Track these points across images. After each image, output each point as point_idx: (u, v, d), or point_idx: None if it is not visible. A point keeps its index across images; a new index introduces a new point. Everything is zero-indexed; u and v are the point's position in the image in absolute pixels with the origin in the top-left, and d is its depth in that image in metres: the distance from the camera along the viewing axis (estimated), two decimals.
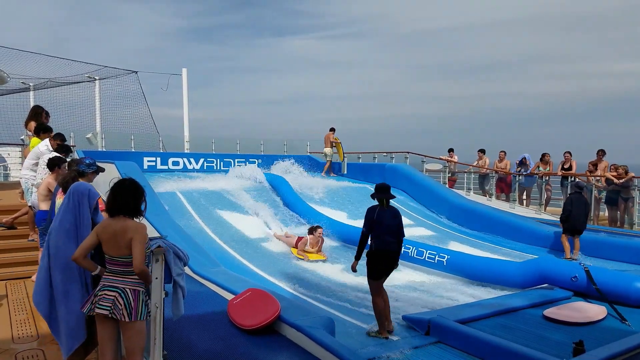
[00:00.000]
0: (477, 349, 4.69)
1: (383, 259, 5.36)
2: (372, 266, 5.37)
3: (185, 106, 19.60)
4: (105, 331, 3.27)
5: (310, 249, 9.16)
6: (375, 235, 5.38)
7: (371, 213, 5.41)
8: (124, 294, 3.19)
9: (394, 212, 5.51)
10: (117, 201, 3.28)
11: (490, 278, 7.61)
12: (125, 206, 3.27)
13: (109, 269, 3.27)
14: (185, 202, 11.10)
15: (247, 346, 4.35)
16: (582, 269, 6.71)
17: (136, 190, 3.34)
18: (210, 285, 6.19)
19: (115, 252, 3.22)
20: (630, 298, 6.21)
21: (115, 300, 3.16)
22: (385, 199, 5.45)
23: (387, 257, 5.38)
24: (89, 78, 18.41)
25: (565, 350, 4.65)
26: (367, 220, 5.40)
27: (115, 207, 3.28)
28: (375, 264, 5.36)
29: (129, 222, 3.26)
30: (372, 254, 5.40)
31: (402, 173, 14.78)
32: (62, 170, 6.26)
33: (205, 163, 15.82)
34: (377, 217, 5.35)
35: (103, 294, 3.20)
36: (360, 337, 5.39)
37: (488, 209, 12.36)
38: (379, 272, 5.38)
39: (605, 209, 12.68)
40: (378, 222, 5.34)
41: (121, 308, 3.15)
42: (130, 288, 3.22)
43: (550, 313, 5.76)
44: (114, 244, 3.21)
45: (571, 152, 13.29)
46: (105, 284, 3.24)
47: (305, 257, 8.96)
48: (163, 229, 7.67)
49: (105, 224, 3.29)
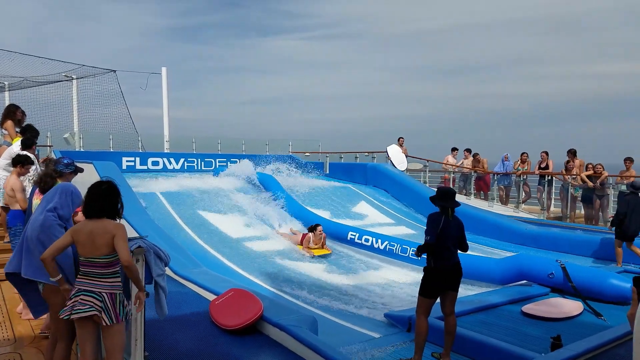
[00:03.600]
0: (458, 345, 4.75)
1: (442, 275, 4.53)
2: (428, 282, 4.54)
3: (165, 105, 19.38)
4: (85, 332, 3.23)
5: (314, 245, 9.48)
6: (437, 249, 4.51)
7: (436, 222, 4.52)
8: (101, 298, 3.15)
9: (459, 223, 4.68)
10: (94, 204, 3.26)
11: (470, 275, 7.69)
12: (102, 209, 3.25)
13: (84, 271, 3.21)
14: (166, 203, 10.98)
15: (230, 346, 4.34)
16: (558, 265, 6.85)
17: (113, 193, 3.33)
18: (191, 286, 6.14)
19: (91, 252, 3.17)
20: (605, 294, 6.36)
21: (93, 304, 3.13)
22: (451, 208, 4.62)
23: (447, 273, 4.55)
24: (66, 77, 18.08)
25: (543, 345, 4.76)
26: (432, 229, 4.49)
27: (92, 209, 3.25)
28: (432, 280, 4.52)
29: (107, 222, 3.23)
30: (430, 269, 4.55)
31: (384, 172, 14.90)
32: (25, 169, 6.21)
33: (186, 163, 15.67)
34: (442, 229, 4.48)
35: (79, 299, 3.16)
36: (343, 335, 5.42)
37: (468, 207, 12.51)
38: (434, 290, 4.53)
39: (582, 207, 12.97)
40: (443, 235, 4.48)
41: (100, 312, 3.12)
42: (107, 292, 3.18)
43: (528, 309, 5.88)
44: (91, 244, 3.16)
45: (547, 152, 13.55)
46: (81, 288, 3.18)
47: (311, 253, 9.29)
48: (143, 229, 7.58)
49: (81, 225, 3.25)
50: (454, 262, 4.58)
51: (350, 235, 9.90)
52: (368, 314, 6.26)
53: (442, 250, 4.49)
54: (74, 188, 3.92)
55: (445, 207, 4.58)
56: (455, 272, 4.58)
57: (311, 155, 18.93)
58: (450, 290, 4.55)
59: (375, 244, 9.34)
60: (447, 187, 4.75)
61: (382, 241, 9.25)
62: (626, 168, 11.99)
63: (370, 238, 9.50)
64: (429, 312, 4.54)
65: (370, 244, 9.44)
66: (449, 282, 4.54)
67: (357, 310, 6.44)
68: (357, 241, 9.72)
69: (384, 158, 16.34)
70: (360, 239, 9.67)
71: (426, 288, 4.53)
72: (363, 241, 9.59)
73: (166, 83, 19.22)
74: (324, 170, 16.80)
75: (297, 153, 18.85)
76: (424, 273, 4.60)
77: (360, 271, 8.58)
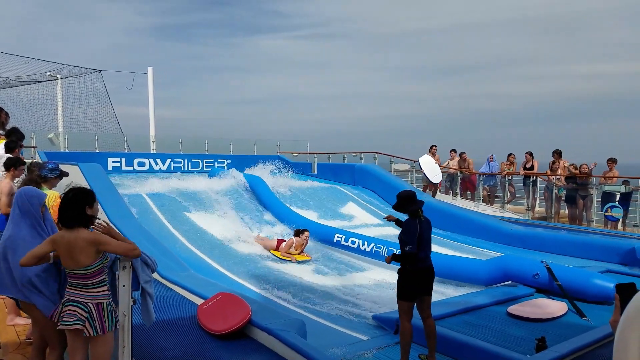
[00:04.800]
0: (444, 346, 4.80)
1: (417, 277, 4.48)
2: (404, 285, 4.48)
3: (151, 105, 19.24)
4: (75, 342, 3.23)
5: (294, 251, 9.31)
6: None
7: (414, 227, 4.43)
8: (87, 309, 3.14)
9: (429, 222, 4.64)
10: (63, 213, 3.21)
11: (456, 276, 7.79)
12: (70, 218, 3.19)
13: (70, 282, 3.21)
14: (152, 205, 10.91)
15: (218, 351, 4.34)
16: (543, 266, 6.94)
17: (79, 201, 3.24)
18: (179, 290, 6.11)
19: (72, 264, 3.15)
20: (588, 294, 6.46)
21: (79, 315, 3.11)
22: (420, 209, 4.55)
23: (422, 275, 4.52)
24: (51, 77, 17.85)
25: (528, 346, 4.82)
26: (411, 237, 4.38)
27: (60, 218, 3.22)
28: (409, 282, 4.46)
29: (82, 233, 3.17)
30: (406, 272, 4.47)
31: (371, 173, 14.95)
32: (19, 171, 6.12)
33: (173, 164, 15.58)
34: (419, 235, 4.42)
35: (67, 310, 3.15)
36: (331, 338, 5.44)
37: (454, 207, 12.63)
38: (412, 292, 4.48)
39: (566, 207, 13.16)
40: (420, 240, 4.43)
41: (84, 323, 3.10)
42: (93, 302, 3.16)
43: (513, 310, 5.95)
44: (70, 258, 3.14)
45: (532, 153, 13.72)
46: (69, 299, 3.18)
47: (293, 258, 9.09)
48: (129, 232, 7.53)
49: (59, 236, 3.21)
50: (429, 263, 4.57)
51: (337, 238, 9.92)
52: (356, 317, 6.29)
53: (419, 253, 4.45)
54: (33, 191, 3.82)
55: (416, 210, 4.51)
56: (429, 275, 4.57)
57: (299, 156, 18.93)
58: (424, 295, 4.56)
59: (362, 246, 9.36)
60: (407, 190, 4.68)
61: (368, 243, 9.28)
62: (609, 168, 12.18)
63: (357, 240, 9.53)
64: (411, 315, 4.52)
65: (356, 246, 9.46)
66: (423, 286, 4.52)
67: (345, 312, 6.46)
68: (343, 243, 9.74)
69: (371, 158, 16.41)
70: (347, 241, 9.69)
71: (403, 291, 4.48)
72: (349, 243, 9.61)
73: (152, 83, 19.08)
74: (311, 170, 16.82)
75: (285, 153, 18.84)
76: (399, 276, 4.54)
77: (347, 273, 8.60)
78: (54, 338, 3.49)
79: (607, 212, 11.44)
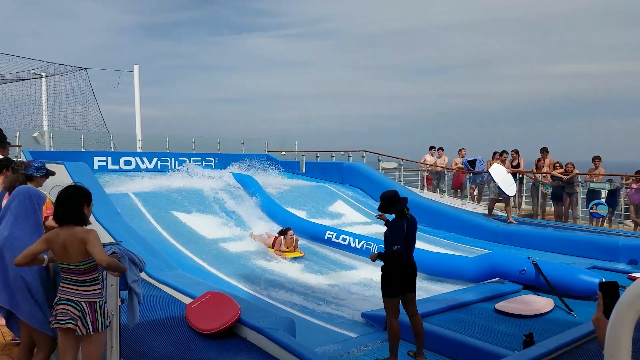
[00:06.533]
0: (433, 343, 4.84)
1: (400, 273, 4.54)
2: (388, 282, 4.53)
3: (137, 104, 19.07)
4: (66, 342, 3.20)
5: (285, 248, 9.36)
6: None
7: (401, 228, 4.53)
8: (79, 307, 3.11)
9: (414, 220, 4.73)
10: (60, 210, 3.19)
11: (444, 273, 7.84)
12: (67, 215, 3.18)
13: (64, 278, 3.18)
14: (139, 204, 10.81)
15: (207, 350, 4.31)
16: (530, 262, 7.01)
17: (78, 198, 3.24)
18: (167, 289, 6.07)
19: (67, 259, 3.14)
20: (574, 290, 6.54)
21: (72, 314, 3.09)
22: (406, 207, 4.65)
23: (406, 272, 4.59)
24: (35, 75, 17.59)
25: (516, 342, 4.86)
26: (399, 237, 4.49)
27: (57, 215, 3.20)
28: (392, 279, 4.52)
29: (76, 230, 3.16)
30: (389, 269, 4.54)
31: (359, 171, 15.02)
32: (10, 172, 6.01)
33: (159, 162, 15.45)
34: (405, 234, 4.52)
35: (60, 309, 3.12)
36: (320, 336, 5.44)
37: (441, 205, 12.71)
38: (396, 289, 4.53)
39: (552, 204, 13.30)
40: (407, 238, 4.54)
41: (77, 322, 3.08)
42: (86, 301, 3.14)
43: (501, 306, 6.00)
44: (64, 253, 3.13)
45: (518, 151, 13.83)
46: (62, 297, 3.15)
47: (283, 255, 9.15)
48: (117, 232, 7.46)
49: (54, 233, 3.19)
50: (412, 261, 4.64)
51: (328, 235, 9.93)
52: (345, 314, 6.31)
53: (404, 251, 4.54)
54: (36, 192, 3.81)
55: (401, 209, 4.59)
56: (412, 272, 4.63)
57: (287, 154, 18.91)
58: (407, 292, 4.61)
59: (352, 243, 9.39)
60: (389, 190, 4.76)
61: (359, 241, 9.31)
62: (595, 166, 12.34)
63: (348, 237, 9.54)
64: (398, 312, 4.56)
65: (347, 243, 9.48)
66: (407, 283, 4.57)
67: (334, 310, 6.47)
68: (334, 240, 9.75)
69: (359, 157, 16.43)
70: (338, 239, 9.71)
71: (388, 288, 4.53)
72: (340, 240, 9.63)
73: (138, 81, 18.91)
74: (300, 169, 16.81)
75: (273, 152, 18.79)
76: (382, 274, 4.59)
77: (337, 271, 8.62)
78: (42, 338, 3.45)
79: (592, 209, 11.59)
